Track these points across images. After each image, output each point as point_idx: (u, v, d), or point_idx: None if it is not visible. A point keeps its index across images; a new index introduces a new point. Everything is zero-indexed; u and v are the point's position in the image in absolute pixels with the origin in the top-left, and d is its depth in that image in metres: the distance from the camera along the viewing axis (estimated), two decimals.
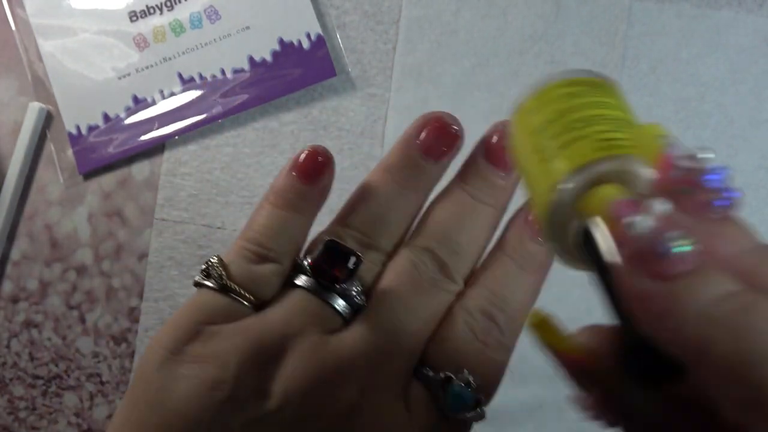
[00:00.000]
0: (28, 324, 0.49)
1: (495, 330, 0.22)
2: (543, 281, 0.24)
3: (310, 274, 0.23)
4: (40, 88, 0.49)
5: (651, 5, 0.49)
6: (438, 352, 0.22)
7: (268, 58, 0.48)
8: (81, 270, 0.49)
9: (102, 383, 0.48)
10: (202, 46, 0.49)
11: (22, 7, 0.49)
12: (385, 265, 0.23)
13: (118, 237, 0.49)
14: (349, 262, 0.22)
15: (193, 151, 0.49)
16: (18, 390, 0.49)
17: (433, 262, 0.23)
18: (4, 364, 0.49)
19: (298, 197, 0.24)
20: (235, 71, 0.48)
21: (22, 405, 0.49)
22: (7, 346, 0.49)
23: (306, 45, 0.48)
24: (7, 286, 0.49)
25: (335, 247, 0.22)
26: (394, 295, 0.22)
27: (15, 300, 0.49)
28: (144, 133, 0.48)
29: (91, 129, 0.48)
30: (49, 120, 0.49)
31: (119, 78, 0.49)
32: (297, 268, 0.23)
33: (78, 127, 0.48)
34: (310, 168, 0.24)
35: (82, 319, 0.48)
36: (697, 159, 0.15)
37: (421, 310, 0.22)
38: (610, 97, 0.18)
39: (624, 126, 0.17)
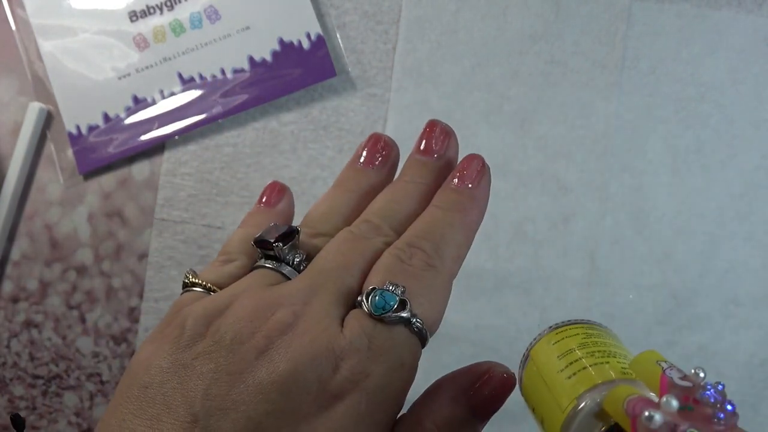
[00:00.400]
0: (28, 324, 0.49)
1: (420, 253, 0.25)
2: (471, 220, 0.27)
3: (260, 256, 0.26)
4: (40, 88, 0.49)
5: (651, 5, 0.49)
6: (369, 281, 0.25)
7: (268, 58, 0.48)
8: (81, 270, 0.49)
9: (102, 383, 0.48)
10: (202, 46, 0.49)
11: (22, 7, 0.49)
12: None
13: (118, 237, 0.49)
14: (284, 230, 0.25)
15: (193, 151, 0.49)
16: (18, 390, 0.49)
17: (367, 225, 0.26)
18: (4, 364, 0.49)
19: (262, 218, 0.29)
20: (235, 71, 0.48)
21: (22, 405, 0.49)
22: (7, 346, 0.49)
23: (306, 45, 0.48)
24: (7, 286, 0.49)
25: (276, 226, 0.26)
26: (330, 247, 0.26)
27: (15, 300, 0.49)
28: (144, 133, 0.48)
29: (91, 129, 0.48)
30: (49, 120, 0.49)
31: (119, 78, 0.49)
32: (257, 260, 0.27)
33: (78, 127, 0.48)
34: (273, 196, 0.30)
35: (82, 319, 0.48)
36: (693, 378, 0.17)
37: (352, 254, 0.25)
38: (617, 341, 0.23)
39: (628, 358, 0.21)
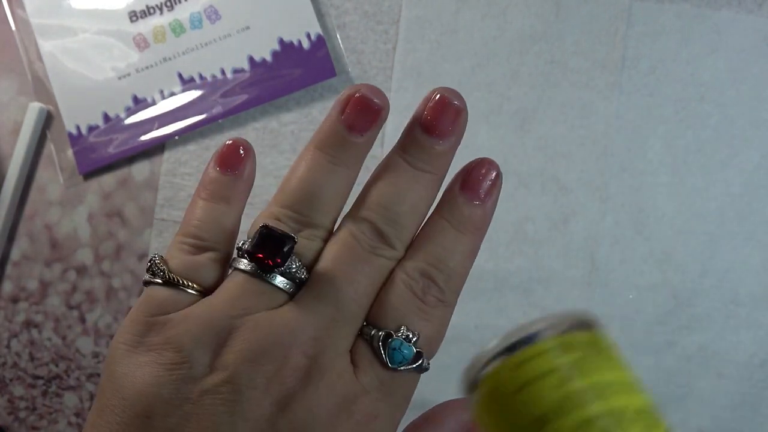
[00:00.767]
0: (28, 324, 0.49)
1: (433, 288, 0.24)
2: (479, 242, 0.25)
3: (240, 253, 0.24)
4: (40, 88, 0.49)
5: (651, 5, 0.49)
6: (380, 313, 0.24)
7: (268, 58, 0.48)
8: (81, 270, 0.49)
9: None
10: (202, 46, 0.49)
11: (22, 7, 0.49)
12: (325, 240, 0.25)
13: (118, 237, 0.49)
14: (285, 246, 0.23)
15: (193, 151, 0.49)
16: (18, 390, 0.49)
17: (371, 231, 0.24)
18: (4, 364, 0.49)
19: (224, 189, 0.25)
20: (235, 71, 0.48)
21: (22, 405, 0.49)
22: (7, 346, 0.49)
23: (306, 45, 0.48)
24: (7, 286, 0.49)
25: (269, 233, 0.23)
26: (334, 266, 0.24)
27: (15, 300, 0.49)
28: (144, 133, 0.48)
29: (91, 129, 0.48)
30: (49, 120, 0.49)
31: (119, 78, 0.49)
32: (238, 252, 0.25)
33: (78, 127, 0.48)
34: (232, 160, 0.25)
35: (82, 319, 0.48)
36: None
37: (360, 277, 0.23)
38: (613, 359, 0.16)
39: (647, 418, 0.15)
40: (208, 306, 0.23)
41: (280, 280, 0.23)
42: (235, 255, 0.25)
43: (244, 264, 0.24)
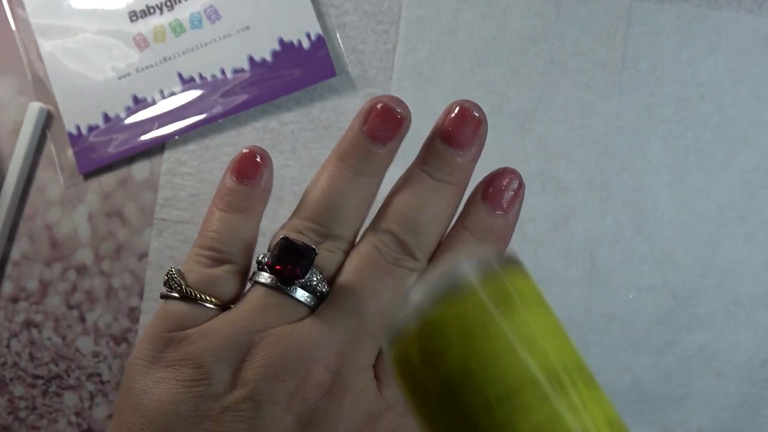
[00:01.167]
0: (28, 324, 0.49)
1: None
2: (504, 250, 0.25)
3: (260, 266, 0.24)
4: (40, 88, 0.49)
5: (651, 5, 0.49)
6: None
7: (268, 58, 0.48)
8: (81, 270, 0.49)
9: (102, 383, 0.48)
10: (202, 46, 0.49)
11: (22, 7, 0.49)
12: (346, 252, 0.24)
13: (118, 237, 0.49)
14: (305, 258, 0.22)
15: (193, 151, 0.49)
16: (18, 390, 0.49)
17: (393, 242, 0.24)
18: (4, 364, 0.49)
19: (241, 199, 0.25)
20: (235, 71, 0.48)
21: (22, 405, 0.49)
22: (7, 346, 0.49)
23: (306, 45, 0.48)
24: (7, 286, 0.49)
25: (290, 245, 0.23)
26: (356, 278, 0.23)
27: (15, 300, 0.49)
28: (144, 133, 0.48)
29: (91, 129, 0.48)
30: (49, 120, 0.49)
31: (119, 78, 0.49)
32: (258, 266, 0.24)
33: (78, 127, 0.48)
34: (249, 169, 0.25)
35: (82, 319, 0.48)
36: None
37: (383, 288, 0.23)
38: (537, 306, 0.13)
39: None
40: (228, 321, 0.22)
41: (300, 294, 0.23)
42: (255, 268, 0.24)
43: (264, 277, 0.23)
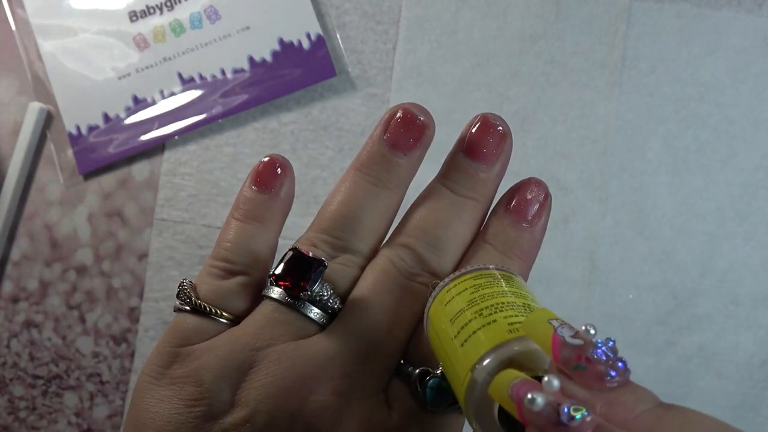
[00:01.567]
0: (28, 324, 0.49)
1: None
2: (528, 269, 0.24)
3: (272, 281, 0.23)
4: (40, 88, 0.49)
5: (651, 5, 0.49)
6: (418, 348, 0.22)
7: (268, 58, 0.48)
8: (81, 270, 0.49)
9: (102, 383, 0.48)
10: (202, 46, 0.49)
11: (22, 7, 0.49)
12: (362, 267, 0.23)
13: (118, 237, 0.49)
14: (312, 269, 0.21)
15: (193, 151, 0.49)
16: (18, 390, 0.49)
17: (411, 257, 0.23)
18: (4, 364, 0.49)
19: (259, 208, 0.24)
20: (235, 71, 0.48)
21: (22, 405, 0.49)
22: (7, 346, 0.49)
23: (306, 45, 0.48)
24: (7, 286, 0.49)
25: (299, 256, 0.22)
26: (370, 294, 0.22)
27: (15, 300, 0.49)
28: (144, 133, 0.48)
29: (91, 129, 0.48)
30: (49, 120, 0.49)
31: (119, 78, 0.49)
32: (269, 280, 0.23)
33: (78, 127, 0.48)
34: (268, 178, 0.24)
35: (82, 319, 0.48)
36: (583, 335, 0.16)
37: (399, 308, 0.22)
38: (511, 285, 0.20)
39: (526, 311, 0.19)
40: (232, 337, 0.22)
41: (310, 310, 0.22)
42: (268, 283, 0.23)
43: (274, 292, 0.22)
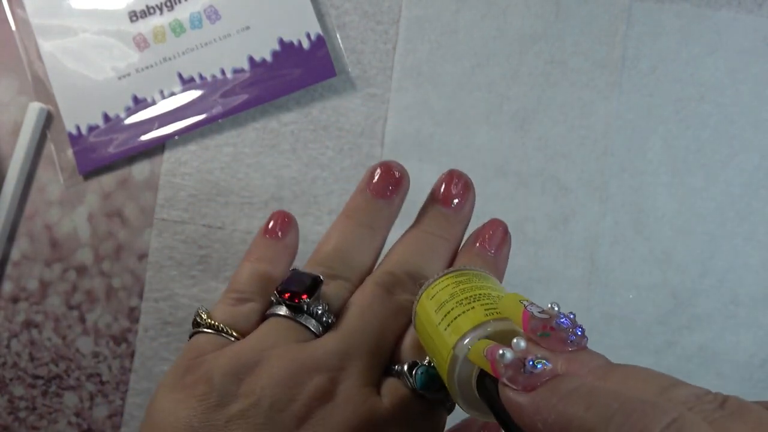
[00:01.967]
0: (28, 324, 0.49)
1: None
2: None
3: (282, 302, 0.26)
4: (40, 88, 0.49)
5: (651, 5, 0.49)
6: (404, 350, 0.25)
7: (268, 58, 0.48)
8: (81, 270, 0.49)
9: (102, 383, 0.48)
10: (202, 46, 0.49)
11: (22, 7, 0.49)
12: (352, 291, 0.27)
13: (118, 237, 0.49)
14: (311, 282, 0.25)
15: (193, 151, 0.49)
16: (18, 390, 0.49)
17: (391, 279, 0.26)
18: (4, 364, 0.49)
19: (269, 251, 0.28)
20: (235, 71, 0.48)
21: (22, 405, 0.49)
22: (7, 346, 0.49)
23: (306, 45, 0.48)
24: (7, 286, 0.49)
25: (297, 273, 0.26)
26: (360, 305, 0.25)
27: (15, 300, 0.49)
28: (144, 133, 0.48)
29: (91, 129, 0.48)
30: (49, 120, 0.49)
31: (119, 78, 0.49)
32: (272, 303, 0.27)
33: (78, 127, 0.48)
34: (278, 228, 0.29)
35: (82, 319, 0.48)
36: (549, 311, 0.20)
37: (386, 316, 0.25)
38: (486, 281, 0.24)
39: (499, 300, 0.23)
40: (240, 343, 0.24)
41: (308, 321, 0.25)
42: (271, 304, 0.27)
43: (278, 310, 0.25)
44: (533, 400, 0.17)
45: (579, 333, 0.20)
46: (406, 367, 0.24)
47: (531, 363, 0.18)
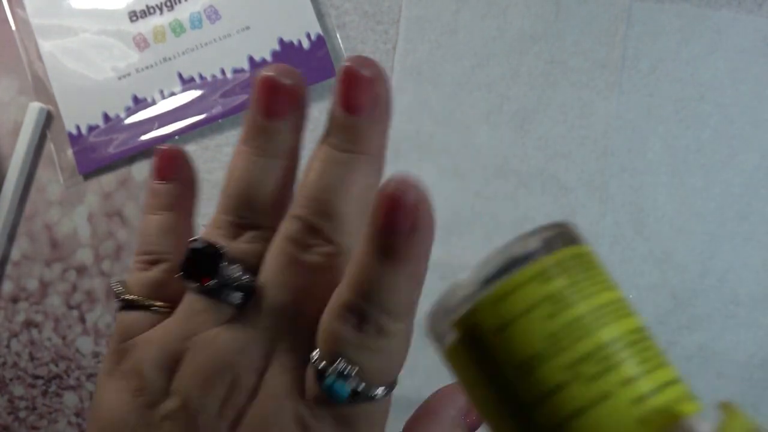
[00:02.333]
0: (28, 324, 0.49)
1: (374, 319, 0.21)
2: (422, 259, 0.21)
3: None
4: (40, 88, 0.49)
5: (651, 5, 0.49)
6: (320, 335, 0.21)
7: (268, 58, 0.48)
8: (81, 270, 0.49)
9: None
10: (202, 46, 0.49)
11: (22, 7, 0.49)
12: (269, 239, 0.23)
13: (118, 237, 0.49)
14: (212, 261, 0.22)
15: (193, 151, 0.49)
16: (18, 390, 0.49)
17: (304, 229, 0.22)
18: (4, 364, 0.49)
19: (164, 197, 0.25)
20: (235, 71, 0.48)
21: (22, 405, 0.49)
22: (7, 346, 0.49)
23: (306, 45, 0.48)
24: (7, 286, 0.49)
25: (195, 251, 0.22)
26: (272, 274, 0.22)
27: (15, 300, 0.49)
28: (144, 133, 0.48)
29: (91, 129, 0.48)
30: (49, 120, 0.49)
31: (119, 78, 0.49)
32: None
33: (78, 127, 0.48)
34: (166, 168, 0.25)
35: (82, 319, 0.48)
36: None
37: (300, 280, 0.22)
38: (603, 276, 0.14)
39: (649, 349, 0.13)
40: (164, 329, 0.23)
41: (225, 294, 0.22)
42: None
43: (189, 282, 0.23)
44: None
45: None
46: (315, 369, 0.21)
47: None
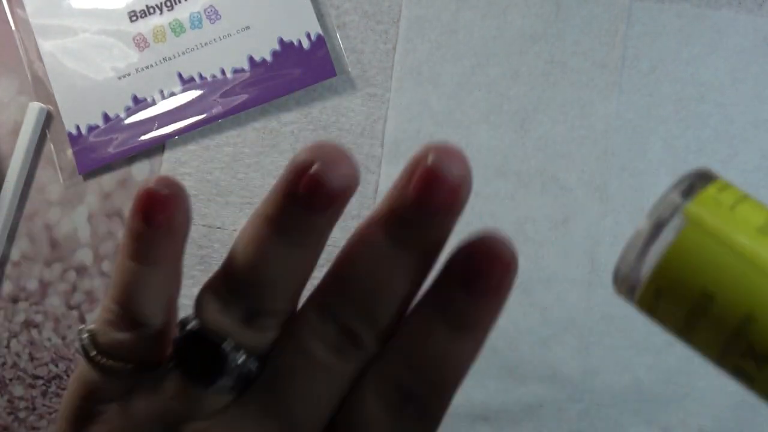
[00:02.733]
0: (28, 324, 0.49)
1: (411, 407, 0.18)
2: (482, 343, 0.19)
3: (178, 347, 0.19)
4: (40, 88, 0.49)
5: (651, 5, 0.49)
6: None
7: (268, 58, 0.48)
8: (81, 270, 0.49)
9: None
10: (202, 46, 0.49)
11: (22, 7, 0.49)
12: (282, 324, 0.20)
13: (118, 237, 0.49)
14: (216, 360, 0.18)
15: (193, 151, 0.49)
16: (18, 390, 0.49)
17: (336, 329, 0.19)
18: (4, 364, 0.49)
19: (149, 245, 0.20)
20: (235, 71, 0.48)
21: (22, 405, 0.49)
22: (7, 346, 0.49)
23: (306, 45, 0.48)
24: (7, 286, 0.49)
25: (196, 343, 0.19)
26: (287, 376, 0.19)
27: (15, 300, 0.49)
28: (144, 133, 0.48)
29: (91, 129, 0.48)
30: (49, 120, 0.49)
31: (119, 78, 0.49)
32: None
33: (78, 127, 0.48)
34: (152, 209, 0.20)
35: (82, 319, 0.48)
36: None
37: (319, 387, 0.19)
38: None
39: None
40: (145, 407, 0.19)
41: (223, 387, 0.19)
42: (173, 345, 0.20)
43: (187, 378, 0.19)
44: None
45: None
46: None
47: None
